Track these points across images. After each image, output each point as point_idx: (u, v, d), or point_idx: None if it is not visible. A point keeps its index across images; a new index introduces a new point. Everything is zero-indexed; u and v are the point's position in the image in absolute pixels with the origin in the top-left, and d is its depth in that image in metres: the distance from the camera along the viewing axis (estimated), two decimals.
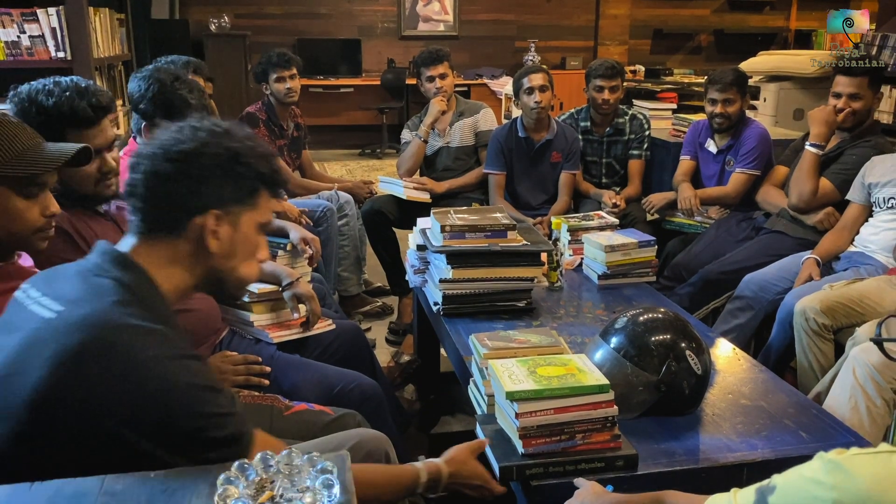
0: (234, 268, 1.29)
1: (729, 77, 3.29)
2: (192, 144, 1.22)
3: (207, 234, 1.23)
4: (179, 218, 1.23)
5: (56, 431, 1.06)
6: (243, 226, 1.27)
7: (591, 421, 1.46)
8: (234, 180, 1.24)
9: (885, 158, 2.79)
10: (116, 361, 1.07)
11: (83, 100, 1.77)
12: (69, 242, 1.76)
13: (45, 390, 1.05)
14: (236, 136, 1.26)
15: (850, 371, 2.07)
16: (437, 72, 3.73)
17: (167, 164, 1.21)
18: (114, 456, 1.05)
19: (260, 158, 1.27)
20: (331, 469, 0.85)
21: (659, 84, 7.16)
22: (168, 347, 1.12)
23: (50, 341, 1.09)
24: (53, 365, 1.06)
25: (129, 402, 1.05)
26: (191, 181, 1.21)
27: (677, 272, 3.14)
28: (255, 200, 1.28)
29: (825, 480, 0.79)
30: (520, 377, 1.49)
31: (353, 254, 3.71)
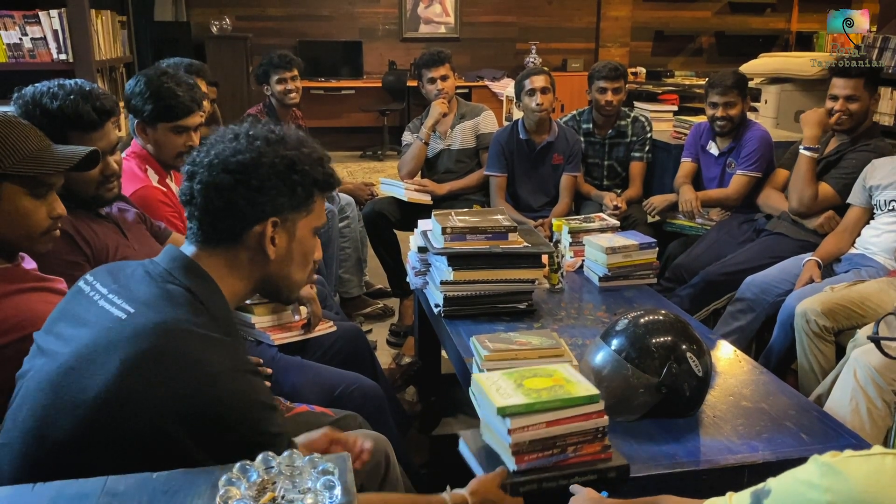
0: (289, 273, 1.31)
1: (729, 80, 3.29)
2: (249, 155, 1.23)
3: (266, 242, 1.25)
4: (238, 227, 1.24)
5: (117, 431, 1.07)
6: (299, 231, 1.29)
7: (582, 433, 1.42)
8: (290, 188, 1.25)
9: (886, 161, 2.79)
10: (186, 370, 1.09)
11: (87, 103, 1.78)
12: (71, 244, 1.77)
13: (114, 389, 1.08)
14: (291, 143, 1.27)
15: (851, 373, 2.07)
16: (439, 73, 3.74)
17: (225, 176, 1.22)
18: (165, 460, 1.05)
19: (314, 164, 1.28)
20: (332, 470, 0.85)
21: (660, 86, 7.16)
22: (236, 360, 1.14)
23: (122, 342, 1.11)
24: (124, 366, 1.09)
25: (194, 412, 1.07)
26: (249, 191, 1.22)
27: (678, 274, 3.14)
28: (311, 206, 1.30)
29: (819, 483, 0.79)
30: (508, 391, 1.43)
31: (355, 255, 3.71)
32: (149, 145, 2.35)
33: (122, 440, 1.07)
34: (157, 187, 2.33)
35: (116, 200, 1.98)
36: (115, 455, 1.07)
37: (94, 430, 1.08)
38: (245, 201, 1.22)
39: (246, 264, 1.26)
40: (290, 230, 1.28)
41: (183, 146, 2.31)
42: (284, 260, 1.28)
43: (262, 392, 1.17)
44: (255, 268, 1.27)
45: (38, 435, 1.11)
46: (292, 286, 1.34)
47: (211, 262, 1.24)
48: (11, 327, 1.38)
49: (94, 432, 1.08)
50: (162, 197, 2.31)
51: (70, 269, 1.72)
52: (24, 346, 1.38)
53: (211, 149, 1.25)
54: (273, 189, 1.23)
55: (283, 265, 1.29)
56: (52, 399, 1.11)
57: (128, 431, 1.07)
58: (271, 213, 1.24)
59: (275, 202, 1.24)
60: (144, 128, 2.32)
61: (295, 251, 1.29)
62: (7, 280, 1.45)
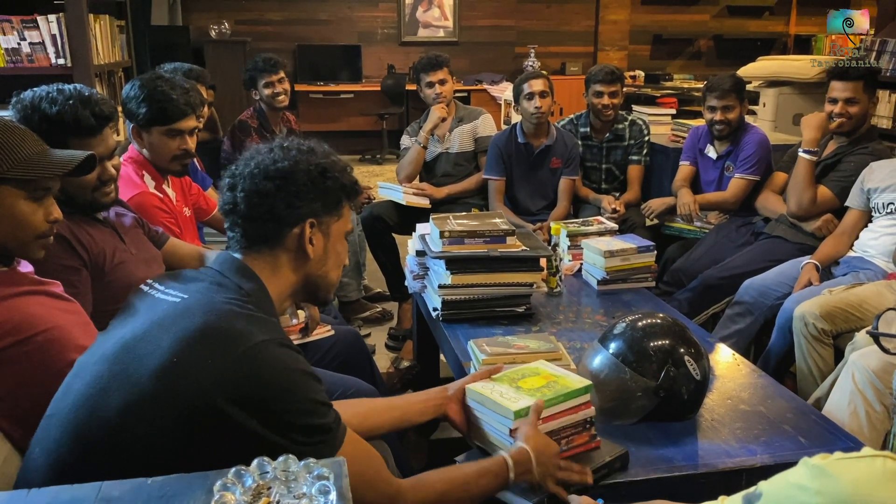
0: (326, 273, 1.43)
1: (727, 84, 3.29)
2: (287, 163, 1.35)
3: (305, 243, 1.36)
4: (279, 230, 1.35)
5: (169, 405, 1.12)
6: (333, 234, 1.41)
7: (573, 425, 1.48)
8: (323, 193, 1.37)
9: (884, 164, 2.80)
10: (233, 341, 1.15)
11: (87, 109, 1.78)
12: (67, 249, 1.76)
13: (167, 363, 1.14)
14: (320, 152, 1.40)
15: (850, 376, 2.07)
16: (437, 77, 3.74)
17: (267, 182, 1.33)
18: (216, 439, 1.11)
19: (343, 171, 1.41)
20: (327, 475, 0.85)
21: (659, 89, 7.18)
22: (279, 335, 1.22)
23: (175, 320, 1.19)
24: (176, 341, 1.16)
25: (242, 381, 1.13)
26: (289, 196, 1.33)
27: (677, 277, 3.14)
28: (341, 210, 1.42)
29: (810, 486, 0.79)
30: (511, 394, 1.49)
31: (353, 259, 3.71)
32: (144, 150, 2.34)
33: (174, 415, 1.12)
34: (154, 193, 2.33)
35: (113, 205, 1.98)
36: (166, 432, 1.11)
37: (146, 405, 1.13)
38: (285, 205, 1.33)
39: (288, 265, 1.37)
40: (326, 232, 1.39)
41: (177, 150, 2.31)
42: (322, 260, 1.40)
43: (306, 365, 1.22)
44: (296, 268, 1.38)
45: (91, 406, 1.16)
46: (329, 286, 1.45)
47: (256, 265, 1.34)
48: (8, 331, 1.38)
49: (145, 407, 1.13)
50: (158, 203, 2.31)
51: (67, 273, 1.71)
52: (21, 350, 1.39)
53: (250, 160, 1.37)
54: (309, 193, 1.35)
55: (322, 265, 1.41)
56: (107, 372, 1.18)
57: (180, 406, 1.12)
58: (308, 215, 1.35)
59: (311, 206, 1.35)
60: (140, 132, 2.32)
61: (330, 252, 1.41)
62: (3, 284, 1.45)
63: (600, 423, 1.62)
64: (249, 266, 1.34)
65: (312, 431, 1.18)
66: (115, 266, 1.83)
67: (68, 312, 1.51)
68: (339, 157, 1.45)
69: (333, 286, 1.46)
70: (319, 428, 1.19)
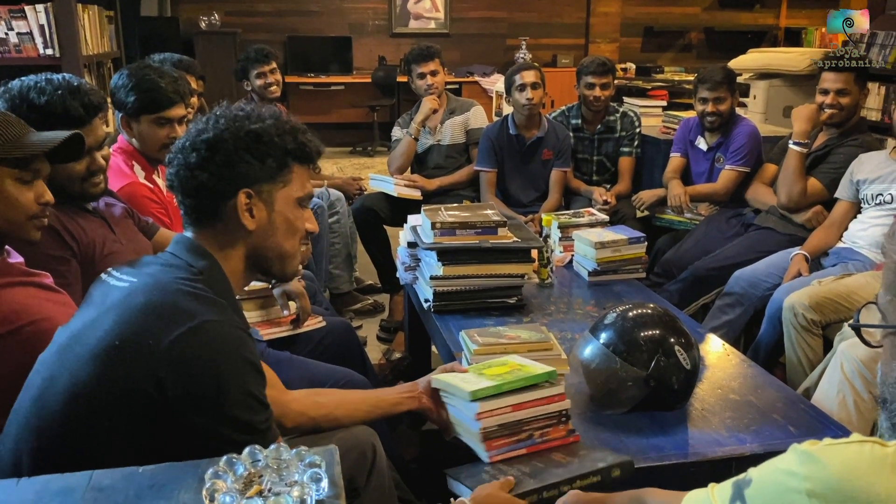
0: (278, 244, 1.34)
1: (718, 76, 3.30)
2: (212, 132, 1.29)
3: (241, 214, 1.28)
4: (216, 203, 1.29)
5: (112, 389, 1.11)
6: (278, 202, 1.32)
7: (546, 416, 1.48)
8: (258, 160, 1.29)
9: (873, 156, 2.81)
10: (174, 320, 1.13)
11: (75, 99, 1.77)
12: (57, 239, 1.76)
13: (108, 346, 1.13)
14: (257, 117, 1.32)
15: (838, 366, 2.08)
16: (428, 69, 3.73)
17: (194, 154, 1.28)
18: (157, 423, 1.09)
19: (285, 135, 1.32)
20: (319, 463, 0.85)
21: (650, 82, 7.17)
22: (227, 317, 1.18)
23: (120, 304, 1.19)
24: (117, 324, 1.15)
25: (179, 361, 1.10)
26: (216, 166, 1.27)
27: (667, 268, 3.15)
28: (287, 176, 1.33)
29: (798, 471, 0.79)
30: (472, 380, 1.50)
31: (344, 251, 3.70)
32: (134, 139, 2.33)
33: (114, 400, 1.10)
34: (144, 183, 2.32)
35: (103, 195, 1.97)
36: (107, 418, 1.10)
37: (87, 391, 1.12)
38: (214, 176, 1.27)
39: (232, 239, 1.31)
40: (268, 201, 1.31)
41: (166, 138, 2.30)
42: (267, 231, 1.32)
43: (254, 356, 1.18)
44: (240, 241, 1.31)
45: (42, 399, 1.16)
46: (283, 258, 1.36)
47: (207, 242, 1.30)
48: None
49: (86, 393, 1.12)
50: (148, 193, 2.30)
51: (56, 263, 1.71)
52: (10, 340, 1.38)
53: (186, 135, 1.33)
54: (240, 162, 1.28)
55: (267, 236, 1.32)
56: (57, 363, 1.19)
57: (120, 388, 1.10)
58: (242, 185, 1.28)
59: (244, 174, 1.28)
60: (129, 121, 2.31)
61: (276, 221, 1.32)
62: None
63: (591, 413, 1.63)
64: (201, 244, 1.30)
65: (240, 427, 1.13)
66: (105, 256, 1.82)
67: (58, 303, 1.51)
68: (288, 120, 1.36)
69: (291, 257, 1.38)
70: (247, 425, 1.14)
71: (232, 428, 1.12)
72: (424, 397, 1.61)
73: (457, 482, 1.42)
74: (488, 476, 1.38)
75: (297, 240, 1.37)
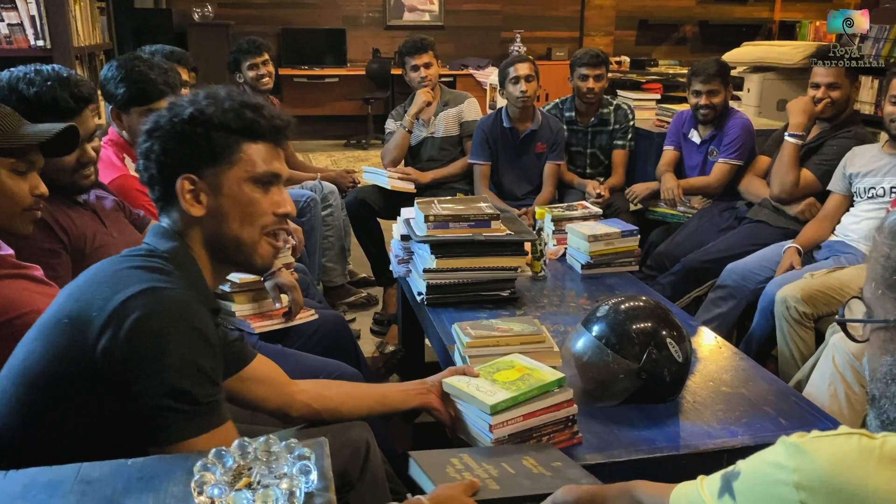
0: (230, 230, 1.27)
1: (712, 68, 3.30)
2: (153, 121, 1.26)
3: (183, 200, 1.24)
4: (166, 191, 1.26)
5: (53, 360, 1.11)
6: (227, 185, 1.25)
7: (555, 423, 1.48)
8: (195, 143, 1.23)
9: (866, 149, 2.82)
10: (122, 285, 1.11)
11: (65, 90, 1.76)
12: (48, 232, 1.75)
13: (56, 319, 1.13)
14: (197, 99, 1.26)
15: (830, 358, 2.09)
16: (422, 61, 3.72)
17: (143, 143, 1.26)
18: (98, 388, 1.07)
19: (226, 113, 1.24)
20: (308, 455, 0.85)
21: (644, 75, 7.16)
22: (181, 286, 1.15)
23: (75, 282, 1.19)
24: (69, 296, 1.16)
25: (121, 322, 1.07)
26: (156, 155, 1.24)
27: (660, 261, 3.16)
28: (232, 157, 1.25)
29: (786, 464, 0.79)
30: (487, 388, 1.48)
31: (338, 244, 3.70)
32: (124, 132, 2.32)
33: (67, 370, 1.09)
34: (135, 176, 2.30)
35: (93, 188, 1.96)
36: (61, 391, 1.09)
37: (40, 364, 1.11)
38: (157, 165, 1.25)
39: (188, 227, 1.27)
40: (214, 185, 1.25)
41: None
42: (217, 217, 1.26)
43: (206, 326, 1.14)
44: (195, 229, 1.27)
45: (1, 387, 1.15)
46: (241, 246, 1.28)
47: (176, 228, 1.28)
48: None
49: (40, 366, 1.11)
50: (139, 185, 2.28)
51: (47, 256, 1.70)
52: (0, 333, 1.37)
53: None
54: (176, 147, 1.23)
55: (219, 223, 1.26)
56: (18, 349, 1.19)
57: (71, 358, 1.09)
58: (182, 170, 1.24)
59: (182, 160, 1.24)
60: (119, 113, 2.30)
61: (227, 206, 1.25)
62: None
63: (583, 406, 1.63)
64: (170, 228, 1.28)
65: (180, 397, 1.07)
66: (96, 249, 1.81)
67: (48, 296, 1.49)
68: (233, 97, 1.28)
69: (252, 245, 1.29)
70: (188, 396, 1.08)
71: (172, 398, 1.06)
72: (433, 395, 1.59)
73: (419, 471, 1.36)
74: (454, 470, 1.34)
75: (256, 226, 1.28)
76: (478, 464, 1.36)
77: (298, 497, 0.80)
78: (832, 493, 0.76)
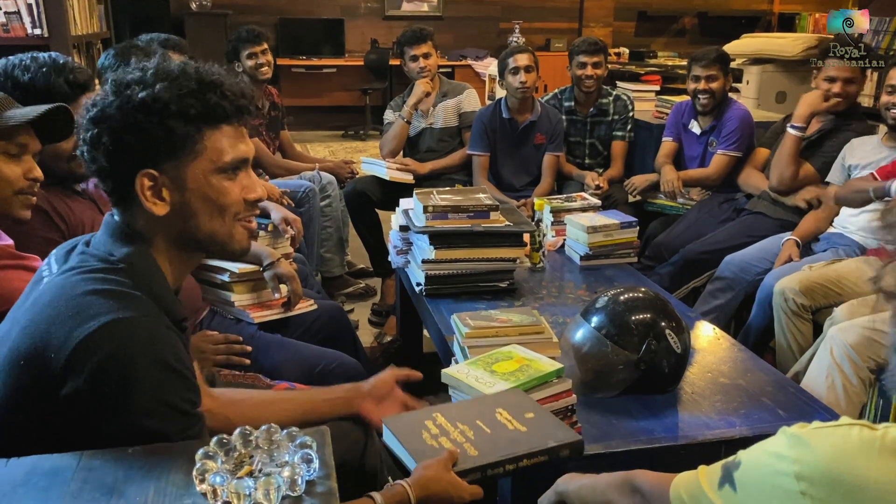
0: (198, 227, 1.13)
1: (712, 54, 3.32)
2: (99, 107, 1.08)
3: (144, 200, 1.09)
4: (122, 187, 1.10)
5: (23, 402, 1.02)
6: (191, 179, 1.11)
7: (555, 412, 1.47)
8: (149, 134, 1.07)
9: (865, 141, 2.81)
10: (78, 320, 1.00)
11: (60, 76, 1.75)
12: (47, 221, 1.74)
13: (13, 359, 1.03)
14: (145, 79, 1.09)
15: (828, 350, 2.09)
16: (421, 51, 3.71)
17: (90, 130, 1.09)
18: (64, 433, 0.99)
19: (186, 98, 1.08)
20: (310, 444, 0.85)
21: (643, 67, 7.16)
22: (142, 312, 1.02)
23: (31, 306, 1.07)
24: (24, 330, 1.04)
25: (82, 366, 0.97)
26: (105, 147, 1.08)
27: (658, 252, 3.16)
28: (196, 146, 1.10)
29: (787, 454, 0.80)
30: (486, 379, 1.48)
31: (336, 235, 3.69)
32: None
33: (29, 414, 1.01)
34: None
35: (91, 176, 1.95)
36: (24, 433, 1.01)
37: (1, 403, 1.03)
38: (108, 158, 1.08)
39: (151, 225, 1.12)
40: (177, 180, 1.10)
41: None
42: (184, 214, 1.11)
43: (172, 354, 1.02)
44: (158, 227, 1.12)
45: None
46: (215, 238, 1.15)
47: (134, 224, 1.13)
48: None
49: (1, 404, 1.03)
50: None
51: (46, 245, 1.68)
52: None
53: (83, 108, 1.13)
54: (130, 140, 1.07)
55: (186, 220, 1.12)
56: None
57: (33, 404, 1.00)
58: (139, 166, 1.08)
59: (138, 155, 1.07)
60: None
61: (193, 202, 1.11)
62: None
63: (582, 396, 1.63)
64: (126, 227, 1.12)
65: (149, 436, 0.98)
66: None
67: None
68: (192, 74, 1.11)
69: (226, 235, 1.16)
70: (159, 435, 0.99)
71: (141, 438, 0.98)
72: (368, 402, 1.50)
73: (394, 439, 1.31)
74: (429, 436, 1.29)
75: (228, 217, 1.15)
76: (453, 425, 1.33)
77: (300, 485, 0.80)
78: (833, 483, 0.76)
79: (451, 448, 1.24)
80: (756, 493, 0.82)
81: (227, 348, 1.91)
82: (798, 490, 0.78)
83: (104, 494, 0.83)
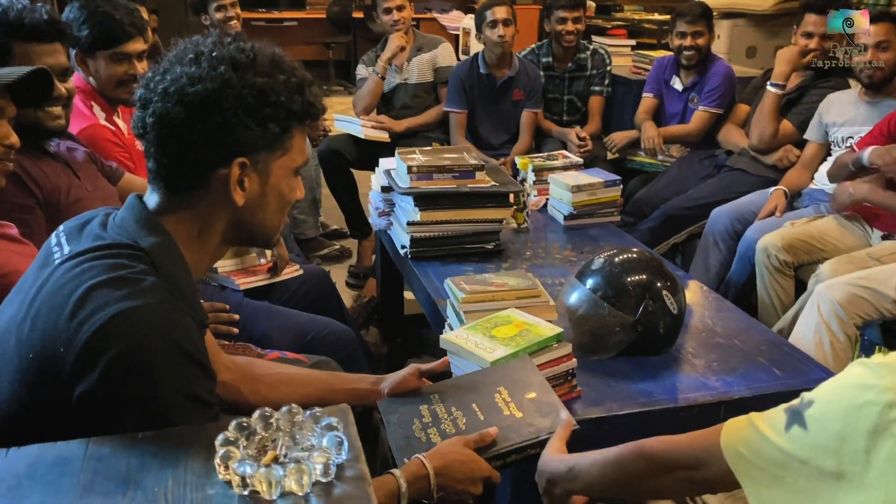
0: (263, 219, 1.13)
1: (697, 10, 3.29)
2: (210, 85, 1.02)
3: (232, 187, 1.06)
4: (200, 169, 1.05)
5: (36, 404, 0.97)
6: (274, 173, 1.10)
7: (555, 377, 1.46)
8: (260, 124, 1.05)
9: (841, 96, 2.82)
10: (87, 313, 0.94)
11: (34, 13, 1.67)
12: (19, 186, 1.65)
13: (23, 358, 0.98)
14: (263, 67, 1.06)
15: (815, 308, 2.11)
16: (395, 3, 3.59)
17: (181, 110, 1.02)
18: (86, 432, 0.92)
19: (292, 93, 1.07)
20: (336, 425, 0.81)
21: (609, 21, 7.08)
22: (157, 298, 0.97)
23: (41, 297, 1.00)
24: (34, 325, 0.98)
25: (94, 362, 0.92)
26: (210, 129, 1.03)
27: (639, 208, 3.16)
28: (287, 143, 1.10)
29: (877, 383, 0.76)
30: (486, 344, 1.45)
31: (310, 196, 3.61)
32: (91, 78, 2.20)
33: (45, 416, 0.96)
34: (105, 125, 2.19)
35: (62, 133, 1.85)
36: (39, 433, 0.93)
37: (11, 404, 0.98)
38: (204, 140, 1.02)
39: (212, 213, 1.08)
40: (263, 172, 1.08)
41: (124, 75, 2.17)
42: (257, 206, 1.10)
43: (191, 342, 0.98)
44: (221, 215, 1.09)
45: None
46: (268, 232, 1.16)
47: (171, 209, 1.08)
48: None
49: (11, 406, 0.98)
50: (111, 136, 2.18)
51: (20, 212, 1.61)
52: None
53: (167, 72, 1.04)
54: (239, 126, 1.03)
55: (256, 211, 1.10)
56: None
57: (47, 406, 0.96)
58: (238, 153, 1.04)
59: (242, 141, 1.04)
60: (84, 58, 2.17)
61: (269, 195, 1.10)
62: None
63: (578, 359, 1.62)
64: (157, 215, 1.07)
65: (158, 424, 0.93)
66: (71, 203, 1.72)
67: (25, 255, 1.41)
68: (293, 70, 1.11)
69: (275, 231, 1.17)
70: None
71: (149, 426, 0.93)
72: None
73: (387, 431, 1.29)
74: (419, 428, 1.28)
75: (286, 212, 1.18)
76: (447, 412, 1.31)
77: (332, 470, 0.76)
78: None
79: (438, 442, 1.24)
80: (833, 429, 0.78)
81: (214, 317, 1.85)
82: (890, 418, 0.74)
83: (119, 485, 0.78)
